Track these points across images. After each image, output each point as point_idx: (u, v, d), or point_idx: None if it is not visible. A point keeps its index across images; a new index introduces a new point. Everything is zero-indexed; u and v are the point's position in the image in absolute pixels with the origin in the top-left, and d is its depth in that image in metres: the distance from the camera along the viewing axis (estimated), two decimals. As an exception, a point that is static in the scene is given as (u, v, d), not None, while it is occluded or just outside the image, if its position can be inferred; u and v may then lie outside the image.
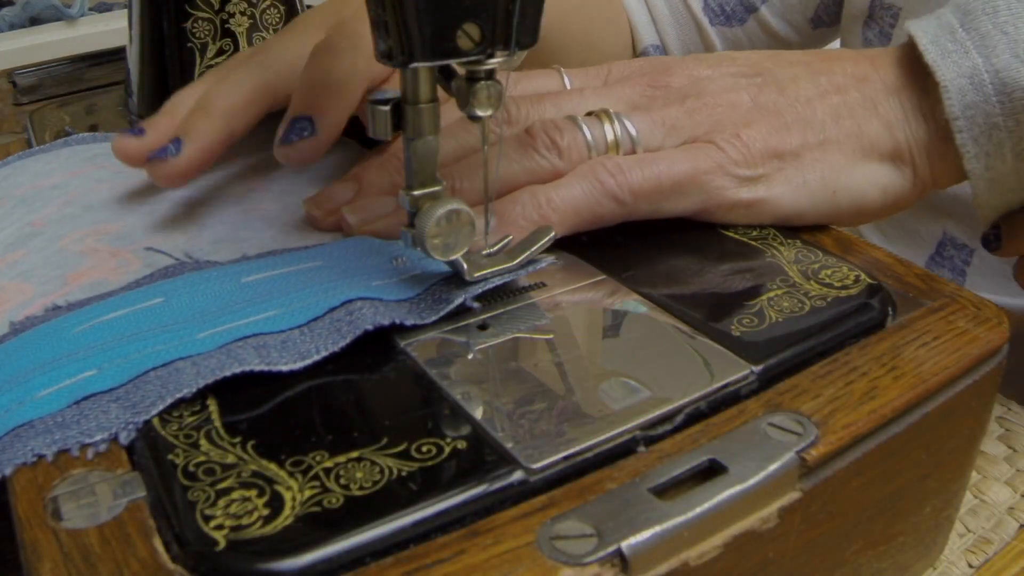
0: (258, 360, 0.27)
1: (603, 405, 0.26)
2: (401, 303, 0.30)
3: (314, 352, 0.27)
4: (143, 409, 0.25)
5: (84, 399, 0.26)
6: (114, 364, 0.27)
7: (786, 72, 0.38)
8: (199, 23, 0.50)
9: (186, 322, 0.29)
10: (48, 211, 0.37)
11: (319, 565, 0.21)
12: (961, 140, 0.35)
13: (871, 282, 0.32)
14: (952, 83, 0.34)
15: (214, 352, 0.27)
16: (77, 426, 0.25)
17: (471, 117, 0.29)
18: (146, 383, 0.26)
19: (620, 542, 0.21)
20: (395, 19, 0.26)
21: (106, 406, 0.25)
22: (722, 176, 0.35)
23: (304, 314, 0.29)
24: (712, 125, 0.36)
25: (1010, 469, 0.38)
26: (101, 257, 0.34)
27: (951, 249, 0.60)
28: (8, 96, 0.68)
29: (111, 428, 0.25)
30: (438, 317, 0.29)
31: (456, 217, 0.29)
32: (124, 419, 0.25)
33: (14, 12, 0.82)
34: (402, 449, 0.24)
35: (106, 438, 0.25)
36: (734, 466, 0.24)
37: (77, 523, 0.22)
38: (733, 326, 0.29)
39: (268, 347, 0.27)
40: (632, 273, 0.32)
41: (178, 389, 0.26)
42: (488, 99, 0.29)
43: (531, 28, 0.28)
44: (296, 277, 0.31)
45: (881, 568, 0.30)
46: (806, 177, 0.36)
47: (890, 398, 0.26)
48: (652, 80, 0.38)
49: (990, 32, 0.34)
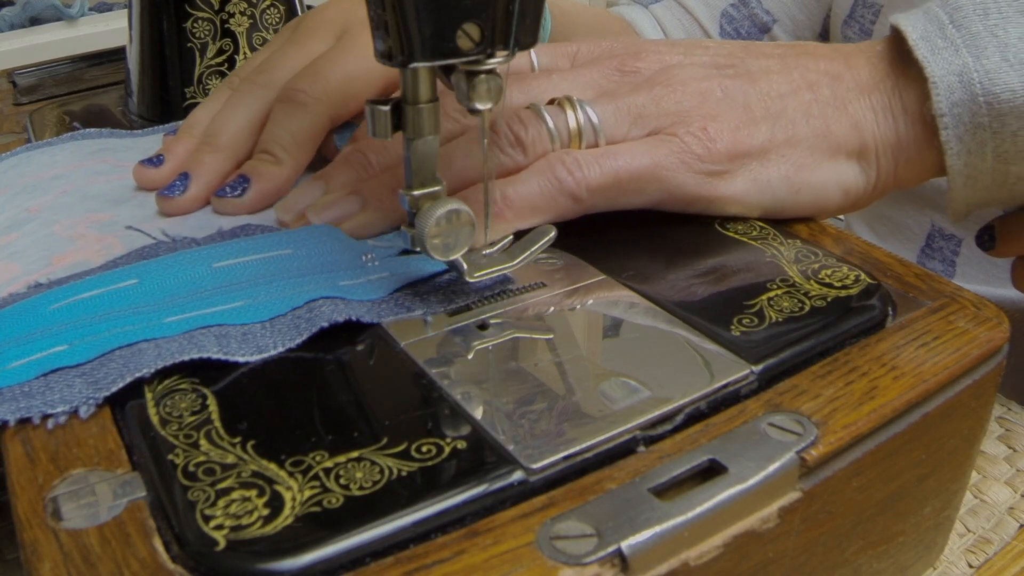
0: (217, 349, 0.28)
1: (603, 405, 0.26)
2: (363, 303, 0.30)
3: (271, 347, 0.28)
4: (104, 386, 0.26)
5: (51, 372, 0.27)
6: (84, 341, 0.28)
7: (759, 64, 0.38)
8: (199, 23, 0.50)
9: (156, 305, 0.30)
10: (46, 199, 0.39)
11: (319, 565, 0.21)
12: (946, 137, 0.35)
13: (871, 282, 0.32)
14: (941, 80, 0.34)
15: (177, 337, 0.28)
16: (41, 396, 0.26)
17: (470, 110, 0.29)
18: (111, 361, 0.27)
19: (620, 542, 0.21)
20: (395, 19, 0.26)
21: (71, 380, 0.27)
22: (683, 171, 0.34)
23: (269, 310, 0.30)
24: (679, 115, 0.35)
25: (1010, 469, 0.38)
26: (87, 242, 0.35)
27: (940, 240, 0.60)
28: (8, 96, 0.68)
29: (73, 401, 0.26)
30: (393, 318, 0.30)
31: (456, 217, 0.29)
32: (86, 394, 0.26)
33: (14, 12, 0.82)
34: (402, 449, 0.24)
35: (67, 410, 0.26)
36: (734, 466, 0.24)
37: (77, 523, 0.22)
38: (733, 326, 0.29)
39: (229, 337, 0.28)
40: (632, 273, 0.32)
41: (138, 369, 0.27)
42: (488, 92, 0.29)
43: (531, 28, 0.28)
44: (266, 266, 0.32)
45: (881, 568, 0.30)
46: (770, 175, 0.36)
47: (890, 398, 0.26)
48: (621, 64, 0.38)
49: (980, 33, 0.34)
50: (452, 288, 0.32)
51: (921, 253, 0.62)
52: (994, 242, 0.40)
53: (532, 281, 0.32)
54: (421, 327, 0.30)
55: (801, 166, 0.36)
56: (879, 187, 0.38)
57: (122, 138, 0.46)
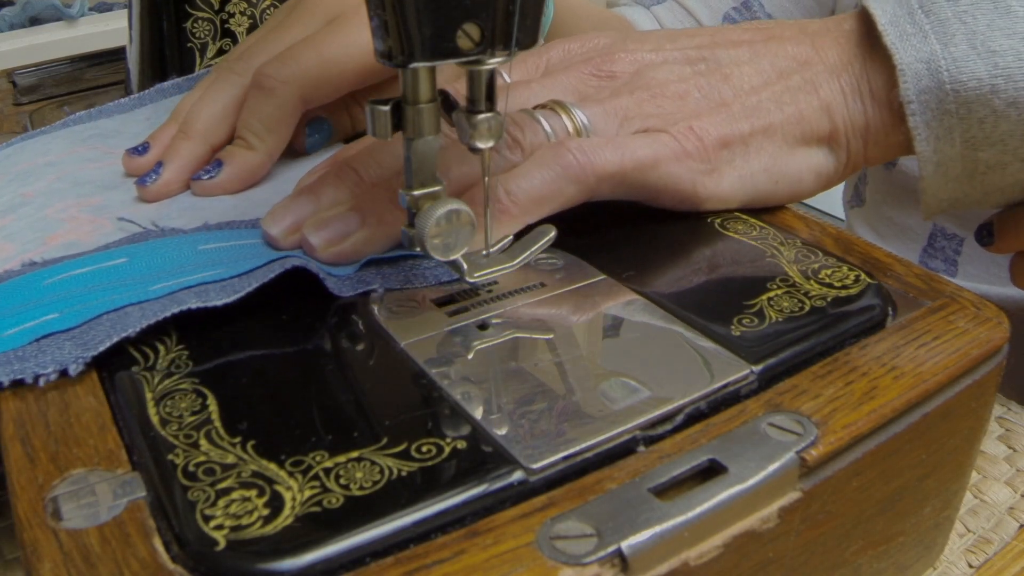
0: (196, 300, 0.29)
1: (603, 405, 0.26)
2: (331, 276, 0.32)
3: (246, 286, 0.30)
4: (92, 346, 0.28)
5: (43, 337, 0.29)
6: (74, 309, 0.30)
7: (728, 55, 0.38)
8: (199, 23, 0.50)
9: (143, 278, 0.32)
10: (39, 185, 0.41)
11: (319, 565, 0.21)
12: (913, 123, 0.35)
13: (871, 282, 0.32)
14: (909, 67, 0.35)
15: (161, 298, 0.30)
16: (34, 359, 0.28)
17: (472, 149, 0.30)
18: (99, 324, 0.29)
19: (620, 542, 0.21)
20: (395, 19, 0.26)
21: (61, 343, 0.28)
22: (681, 166, 0.35)
23: (246, 266, 0.32)
24: (663, 117, 0.36)
25: (1010, 469, 0.38)
26: (79, 223, 0.37)
27: (942, 240, 0.60)
28: (8, 96, 0.68)
29: (64, 362, 0.27)
30: (352, 294, 0.31)
31: (456, 217, 0.29)
32: (75, 354, 0.28)
33: (14, 12, 0.82)
34: (402, 449, 0.24)
35: (57, 368, 0.27)
36: (734, 466, 0.24)
37: (77, 523, 0.22)
38: (733, 326, 0.29)
39: (207, 291, 0.30)
40: (632, 273, 0.32)
41: (124, 329, 0.28)
42: (489, 131, 0.29)
43: (531, 28, 0.28)
44: (250, 248, 0.34)
45: (881, 568, 0.29)
46: (752, 167, 0.36)
47: (890, 398, 0.26)
48: (596, 67, 0.38)
49: (949, 19, 0.34)
50: (415, 271, 0.33)
51: (923, 253, 0.62)
52: (993, 238, 0.41)
53: (532, 281, 0.32)
54: (421, 327, 0.30)
55: (778, 156, 0.37)
56: (849, 167, 0.38)
57: (111, 117, 0.48)
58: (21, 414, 0.26)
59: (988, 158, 0.35)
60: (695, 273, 0.32)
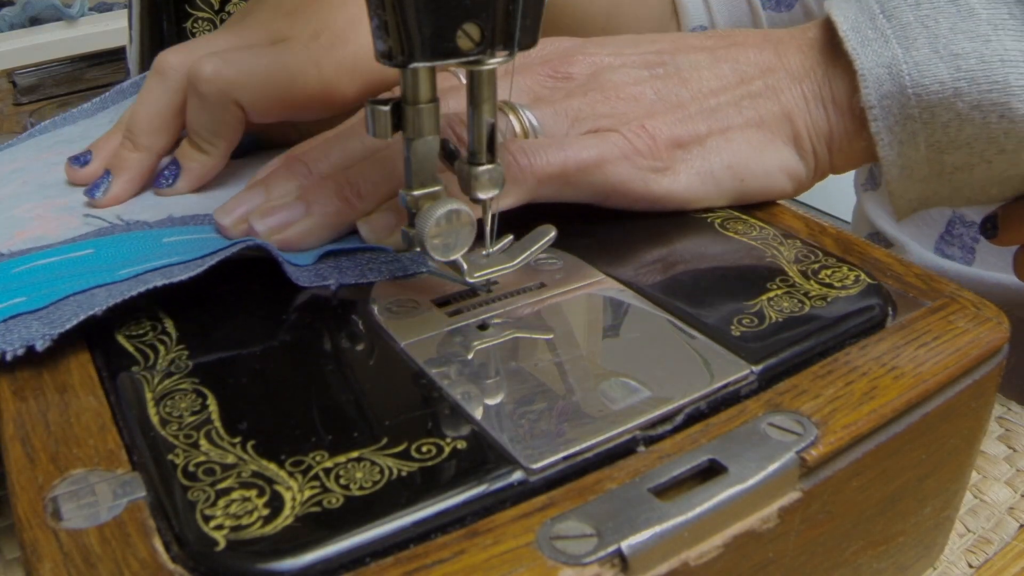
0: (162, 279, 0.30)
1: (603, 405, 0.26)
2: (289, 264, 0.32)
3: (209, 261, 0.31)
4: (59, 324, 0.28)
5: (11, 318, 0.29)
6: (40, 293, 0.30)
7: (689, 60, 0.38)
8: (199, 23, 0.50)
9: (110, 267, 0.32)
10: (7, 189, 0.41)
11: (319, 565, 0.21)
12: (876, 128, 0.35)
13: (871, 282, 0.32)
14: (870, 72, 0.34)
15: (128, 280, 0.31)
16: (1, 338, 0.28)
17: (473, 200, 0.30)
18: (65, 305, 0.30)
19: (620, 542, 0.21)
20: (395, 19, 0.26)
21: (28, 323, 0.29)
22: (628, 166, 0.35)
23: (211, 247, 0.32)
24: (616, 118, 0.36)
25: (1010, 469, 0.38)
26: (46, 220, 0.38)
27: (960, 227, 0.60)
28: (8, 96, 0.68)
29: (30, 338, 0.28)
30: (308, 285, 0.32)
31: (456, 217, 0.29)
32: (42, 332, 0.28)
33: (14, 12, 0.82)
34: (402, 449, 0.24)
35: (24, 344, 0.28)
36: (734, 466, 0.24)
37: (77, 523, 0.22)
38: (733, 326, 0.29)
39: (172, 272, 0.31)
40: (632, 273, 0.32)
41: (91, 308, 0.29)
42: (490, 182, 0.30)
43: (531, 28, 0.28)
44: (214, 241, 0.34)
45: (881, 568, 0.29)
46: (711, 165, 0.36)
47: (890, 398, 0.26)
48: (553, 69, 0.38)
49: (911, 24, 0.34)
50: (370, 265, 0.33)
51: (940, 240, 0.61)
52: (996, 230, 0.40)
53: (532, 281, 0.32)
54: (421, 327, 0.30)
55: (740, 155, 0.36)
56: (818, 172, 0.38)
57: (75, 123, 0.48)
58: (21, 414, 0.26)
59: (954, 160, 0.35)
60: (695, 273, 0.32)
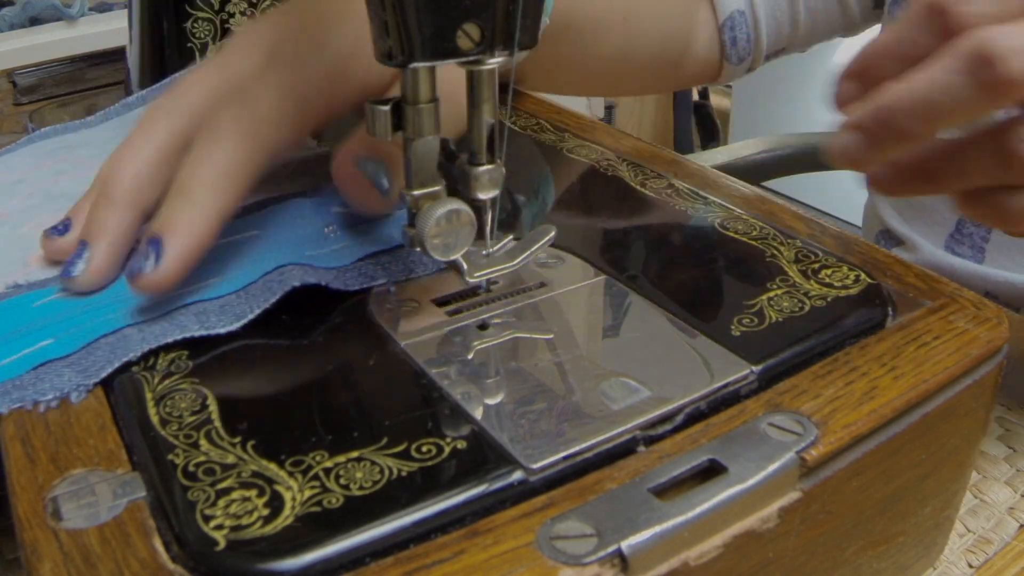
0: (198, 326, 0.29)
1: (603, 405, 0.26)
2: (330, 270, 0.32)
3: (248, 312, 0.29)
4: (94, 372, 0.27)
5: (41, 365, 0.28)
6: (69, 333, 0.29)
7: None
8: (199, 23, 0.50)
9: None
10: (13, 203, 0.39)
11: (319, 565, 0.21)
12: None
13: (871, 282, 0.32)
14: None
15: (158, 319, 0.29)
16: (33, 387, 0.27)
17: (474, 201, 0.30)
18: (97, 349, 0.28)
19: (620, 542, 0.21)
20: (395, 19, 0.26)
21: (60, 370, 0.28)
22: None
23: (241, 280, 0.31)
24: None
25: (1010, 469, 0.38)
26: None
27: (970, 226, 0.59)
28: (8, 96, 0.68)
29: (63, 389, 0.27)
30: (359, 288, 0.31)
31: (456, 217, 0.29)
32: (76, 381, 0.27)
33: (14, 12, 0.82)
34: (402, 449, 0.24)
35: (57, 396, 0.27)
36: (734, 466, 0.24)
37: (77, 523, 0.22)
38: (733, 326, 0.29)
39: (207, 312, 0.29)
40: (632, 273, 0.32)
41: (125, 354, 0.28)
42: (490, 183, 0.30)
43: (531, 28, 0.28)
44: (235, 248, 0.33)
45: (881, 568, 0.30)
46: None
47: (890, 398, 0.26)
48: None
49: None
50: (412, 258, 0.33)
51: (950, 239, 0.60)
52: None
53: (532, 281, 0.32)
54: (421, 327, 0.30)
55: None
56: None
57: (77, 131, 0.47)
58: (21, 414, 0.26)
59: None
60: (695, 273, 0.32)
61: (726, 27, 0.61)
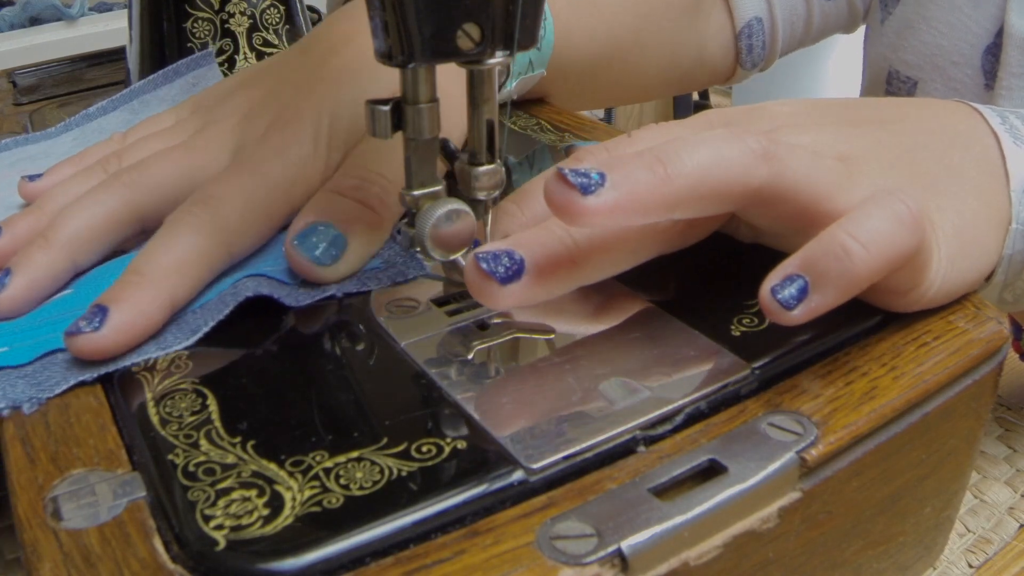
0: (155, 347, 0.29)
1: (603, 405, 0.26)
2: (284, 284, 0.32)
3: (203, 326, 0.29)
4: (48, 388, 0.27)
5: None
6: (24, 344, 0.29)
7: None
8: (199, 23, 0.50)
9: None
10: None
11: (319, 565, 0.21)
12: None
13: (871, 282, 0.32)
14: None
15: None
16: None
17: (473, 200, 0.30)
18: (52, 364, 0.28)
19: (620, 542, 0.21)
20: (395, 19, 0.26)
21: (14, 381, 0.28)
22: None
23: (198, 300, 0.31)
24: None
25: (1010, 469, 0.38)
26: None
27: None
28: (8, 96, 0.68)
29: (17, 400, 0.27)
30: (311, 301, 0.31)
31: (456, 217, 0.29)
32: (29, 394, 0.27)
33: (14, 12, 0.82)
34: (402, 449, 0.24)
35: (10, 405, 0.27)
36: (734, 466, 0.24)
37: (77, 523, 0.22)
38: (733, 326, 0.29)
39: (164, 331, 0.29)
40: (632, 273, 0.32)
41: (81, 373, 0.28)
42: (490, 183, 0.29)
43: (531, 28, 0.28)
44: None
45: (881, 568, 0.29)
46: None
47: (890, 398, 0.26)
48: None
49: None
50: (364, 274, 0.33)
51: None
52: None
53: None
54: (421, 327, 0.30)
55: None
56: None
57: (37, 143, 0.47)
58: (21, 414, 0.26)
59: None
60: (695, 273, 0.32)
61: (743, 34, 0.60)
